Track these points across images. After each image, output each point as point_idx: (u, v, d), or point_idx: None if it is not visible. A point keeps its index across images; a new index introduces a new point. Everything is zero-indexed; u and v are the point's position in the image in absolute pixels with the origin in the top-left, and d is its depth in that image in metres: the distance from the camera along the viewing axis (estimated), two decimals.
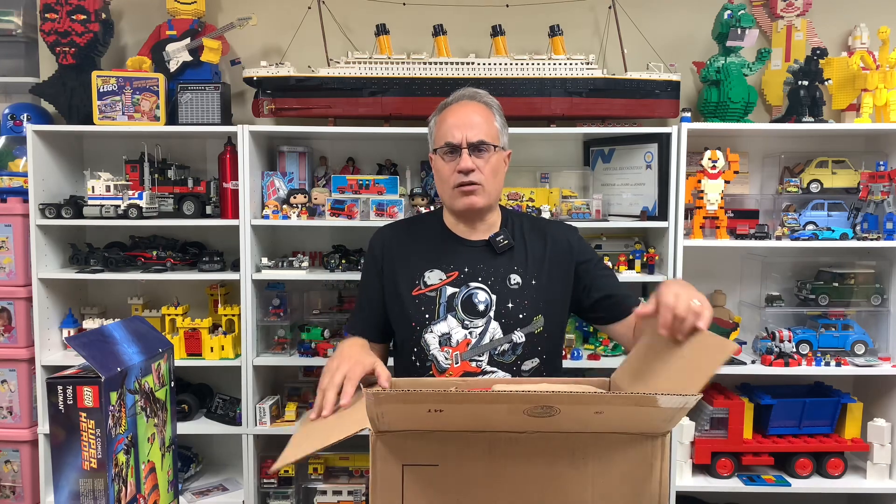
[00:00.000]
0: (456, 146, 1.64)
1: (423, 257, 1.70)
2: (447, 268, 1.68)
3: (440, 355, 1.62)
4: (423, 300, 1.66)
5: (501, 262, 1.67)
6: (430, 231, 1.76)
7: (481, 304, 1.64)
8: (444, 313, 1.64)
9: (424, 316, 1.64)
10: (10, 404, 2.69)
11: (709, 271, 2.89)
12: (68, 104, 2.71)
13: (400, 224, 1.85)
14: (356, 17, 2.84)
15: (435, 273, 1.67)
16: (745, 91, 2.65)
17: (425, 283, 1.67)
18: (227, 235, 2.71)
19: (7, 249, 2.65)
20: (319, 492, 2.75)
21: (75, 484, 1.23)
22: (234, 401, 2.77)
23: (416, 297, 1.66)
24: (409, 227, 1.81)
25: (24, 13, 2.83)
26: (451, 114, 1.68)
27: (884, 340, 2.73)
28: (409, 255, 1.71)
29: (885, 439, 2.63)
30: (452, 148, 1.64)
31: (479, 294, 1.64)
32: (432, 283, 1.66)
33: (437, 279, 1.66)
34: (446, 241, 1.72)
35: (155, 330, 1.56)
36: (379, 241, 1.77)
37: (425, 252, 1.71)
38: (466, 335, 1.62)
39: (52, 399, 1.22)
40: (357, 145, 2.93)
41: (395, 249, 1.73)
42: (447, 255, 1.69)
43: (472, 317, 1.63)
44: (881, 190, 2.59)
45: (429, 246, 1.72)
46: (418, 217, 1.91)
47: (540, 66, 2.61)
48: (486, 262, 1.67)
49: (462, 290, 1.65)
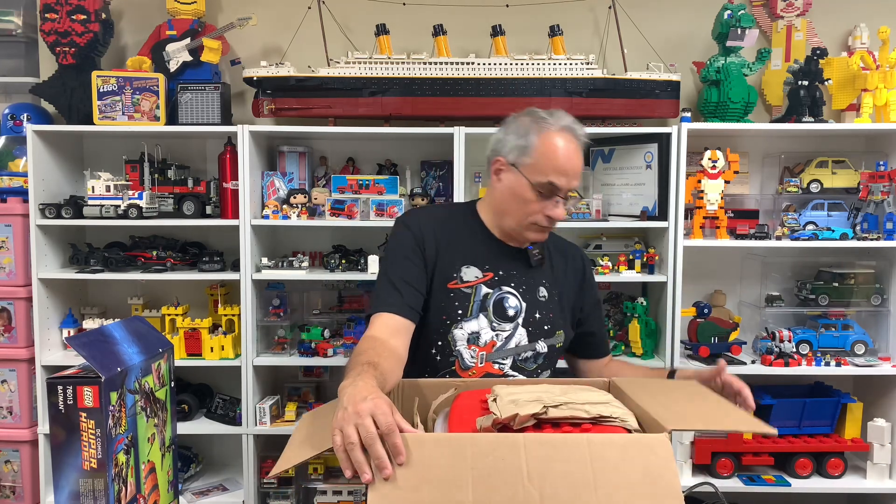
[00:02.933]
0: (557, 192, 1.58)
1: (461, 251, 1.65)
2: (483, 267, 1.65)
3: (466, 353, 1.61)
4: (458, 295, 1.62)
5: (532, 274, 1.69)
6: (468, 226, 1.70)
7: (511, 309, 1.64)
8: (476, 312, 1.62)
9: (457, 311, 1.61)
10: (10, 404, 2.69)
11: (709, 271, 2.89)
12: (68, 104, 2.71)
13: (435, 212, 1.76)
14: (356, 17, 2.84)
15: (472, 270, 1.64)
16: (745, 91, 2.65)
17: (462, 278, 1.63)
18: (227, 235, 2.71)
19: (7, 249, 2.65)
20: (319, 492, 2.75)
21: (75, 484, 1.23)
22: (234, 401, 2.77)
23: (450, 291, 1.62)
24: (447, 217, 1.72)
25: (24, 13, 2.83)
26: (561, 150, 1.57)
27: (884, 340, 2.73)
28: (447, 246, 1.65)
29: (885, 439, 2.63)
30: (553, 191, 1.58)
31: (510, 299, 1.65)
32: (468, 280, 1.63)
33: (472, 276, 1.64)
34: (484, 240, 1.69)
35: (155, 330, 1.56)
36: (417, 222, 1.67)
37: (463, 246, 1.66)
38: (493, 337, 1.62)
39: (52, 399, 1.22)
40: (357, 145, 2.93)
41: (435, 235, 1.65)
42: (484, 255, 1.67)
43: (502, 320, 1.64)
44: (881, 190, 2.59)
45: (467, 241, 1.67)
46: (449, 207, 1.81)
47: (540, 66, 2.61)
48: (519, 270, 1.68)
49: (495, 292, 1.64)
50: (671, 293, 2.60)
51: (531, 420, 1.14)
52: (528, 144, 1.58)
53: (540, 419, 1.15)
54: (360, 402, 1.06)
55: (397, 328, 1.51)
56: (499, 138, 1.67)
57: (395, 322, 1.51)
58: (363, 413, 1.03)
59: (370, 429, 1.01)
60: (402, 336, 1.51)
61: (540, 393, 1.22)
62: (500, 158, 1.63)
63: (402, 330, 1.52)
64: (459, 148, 2.56)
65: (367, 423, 1.02)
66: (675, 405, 1.24)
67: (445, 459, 1.02)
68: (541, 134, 1.58)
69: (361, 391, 1.10)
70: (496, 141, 1.67)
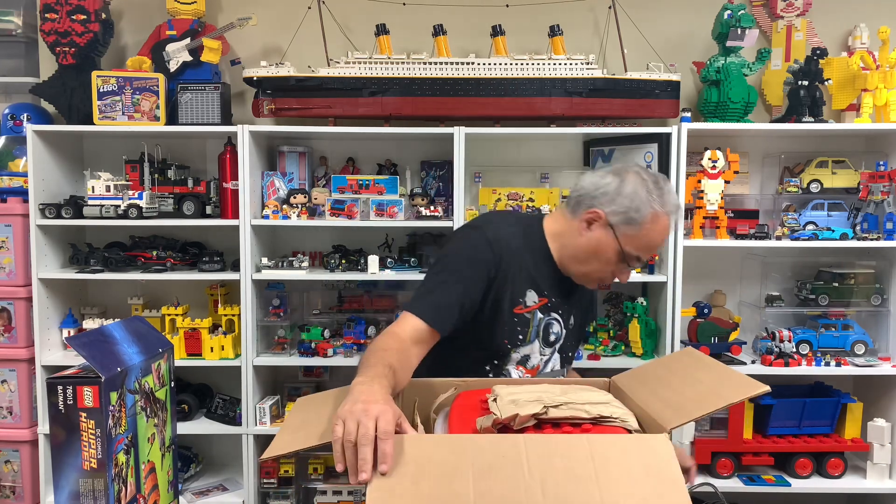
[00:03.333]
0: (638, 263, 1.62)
1: (528, 275, 1.60)
2: (541, 291, 1.63)
3: (514, 372, 1.62)
4: (521, 320, 1.60)
5: (569, 302, 1.71)
6: (538, 250, 1.64)
7: (553, 335, 1.66)
8: (533, 337, 1.62)
9: (518, 336, 1.60)
10: (10, 404, 2.69)
11: (709, 271, 2.89)
12: (68, 104, 2.71)
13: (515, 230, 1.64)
14: (356, 17, 2.84)
15: (532, 294, 1.61)
16: (745, 91, 2.65)
17: (525, 302, 1.60)
18: (227, 235, 2.71)
19: (7, 249, 2.65)
20: (319, 492, 2.75)
21: (75, 484, 1.23)
22: (234, 401, 2.77)
23: (516, 315, 1.59)
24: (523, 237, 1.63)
25: (24, 13, 2.83)
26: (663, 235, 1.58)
27: (884, 340, 2.73)
28: (519, 271, 1.59)
29: (884, 439, 2.63)
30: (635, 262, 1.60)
31: (554, 325, 1.66)
32: (529, 305, 1.61)
33: (532, 301, 1.61)
34: (546, 264, 1.64)
35: (155, 330, 1.56)
36: (499, 243, 1.57)
37: (530, 269, 1.61)
38: (539, 360, 1.65)
39: (52, 399, 1.22)
40: (357, 145, 2.93)
41: (512, 260, 1.58)
42: (543, 279, 1.63)
43: (546, 346, 1.66)
44: (881, 190, 2.59)
45: (534, 263, 1.62)
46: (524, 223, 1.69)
47: (540, 66, 2.61)
48: (562, 297, 1.68)
49: (545, 318, 1.64)
50: (671, 293, 2.60)
51: (531, 420, 1.14)
52: (637, 218, 1.53)
53: (540, 419, 1.15)
54: (371, 402, 1.08)
55: (424, 338, 1.46)
56: (604, 191, 1.56)
57: (425, 332, 1.46)
58: (371, 413, 1.05)
59: (369, 430, 1.02)
60: (424, 347, 1.46)
61: (540, 393, 1.22)
62: (599, 213, 1.56)
63: (428, 341, 1.47)
64: (459, 148, 2.56)
65: (370, 425, 1.03)
66: (674, 396, 1.24)
67: (445, 456, 1.02)
68: (653, 213, 1.53)
69: (376, 393, 1.12)
70: (598, 190, 1.57)
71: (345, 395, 1.16)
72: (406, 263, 2.70)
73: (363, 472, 1.00)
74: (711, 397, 1.19)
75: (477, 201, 2.76)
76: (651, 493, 0.97)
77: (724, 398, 1.17)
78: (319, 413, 1.27)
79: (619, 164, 1.68)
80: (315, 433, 1.19)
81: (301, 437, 1.21)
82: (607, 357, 2.71)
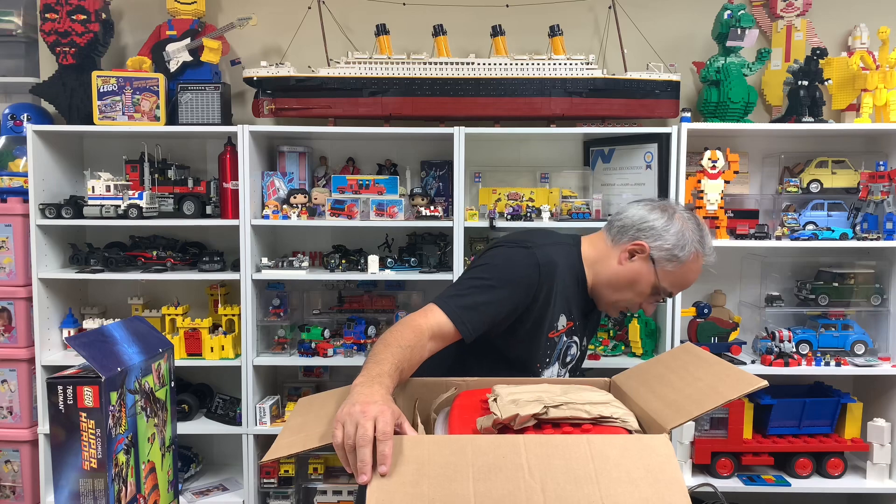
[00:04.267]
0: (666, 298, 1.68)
1: (565, 299, 1.61)
2: (570, 315, 1.64)
3: None
4: (551, 343, 1.61)
5: (586, 324, 1.75)
6: (575, 271, 1.64)
7: (570, 356, 1.71)
8: (554, 360, 1.65)
9: (546, 359, 1.62)
10: (10, 404, 2.69)
11: (709, 271, 2.87)
12: (68, 104, 2.71)
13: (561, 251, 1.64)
14: (356, 17, 2.84)
15: (563, 318, 1.62)
16: (745, 91, 2.65)
17: (557, 327, 1.61)
18: (227, 235, 2.71)
19: (7, 249, 2.65)
20: (319, 492, 2.75)
21: (75, 484, 1.23)
22: (234, 401, 2.77)
23: (549, 339, 1.60)
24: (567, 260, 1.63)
25: (24, 13, 2.83)
26: (697, 273, 1.65)
27: (884, 340, 2.73)
28: (559, 294, 1.59)
29: (884, 439, 2.63)
30: (664, 297, 1.65)
31: (573, 347, 1.70)
32: (559, 329, 1.62)
33: (562, 325, 1.62)
34: (580, 289, 1.66)
35: (155, 330, 1.56)
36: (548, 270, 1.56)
37: (567, 294, 1.62)
38: None
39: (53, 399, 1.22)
40: (357, 145, 2.93)
41: (556, 284, 1.58)
42: (574, 304, 1.65)
43: (562, 367, 1.70)
44: (881, 190, 2.59)
45: (571, 289, 1.63)
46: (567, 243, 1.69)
47: (540, 66, 2.62)
48: (582, 320, 1.71)
49: (568, 341, 1.67)
50: None
51: (531, 420, 1.14)
52: (680, 257, 1.59)
53: (540, 419, 1.15)
54: (369, 403, 1.09)
55: (446, 336, 1.43)
56: (652, 226, 1.60)
57: (449, 331, 1.43)
58: (368, 415, 1.06)
59: (368, 432, 1.03)
60: (441, 344, 1.44)
61: (540, 393, 1.22)
62: (643, 245, 1.59)
63: (448, 340, 1.45)
64: (459, 148, 2.56)
65: (368, 426, 1.04)
66: (673, 395, 1.24)
67: (445, 457, 1.02)
68: (693, 254, 1.61)
69: (375, 394, 1.13)
70: (645, 223, 1.61)
71: (346, 395, 1.16)
72: (406, 263, 2.70)
73: (363, 475, 1.01)
74: (711, 395, 1.19)
75: (477, 201, 2.76)
76: (651, 493, 0.97)
77: (724, 395, 1.18)
78: (320, 414, 1.27)
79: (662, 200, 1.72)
80: (316, 434, 1.20)
81: (301, 438, 1.21)
82: (607, 357, 2.71)
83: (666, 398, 1.24)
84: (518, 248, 1.58)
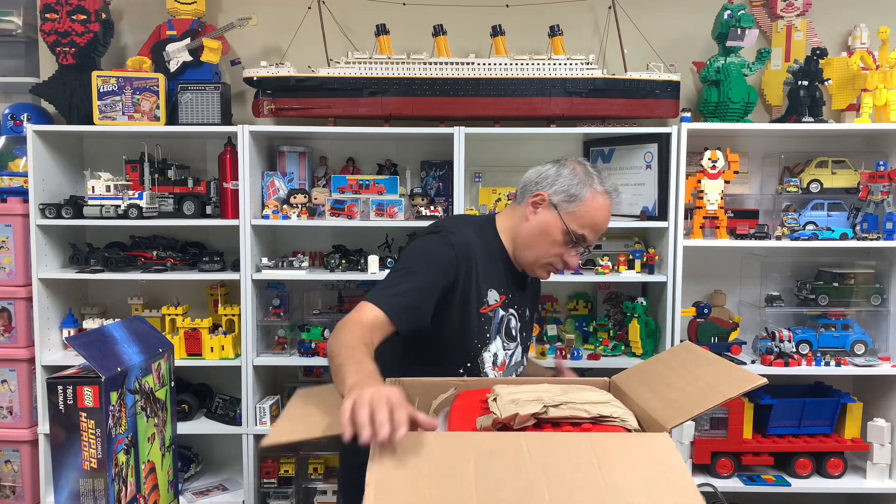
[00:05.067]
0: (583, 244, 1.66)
1: (489, 275, 1.65)
2: (500, 289, 1.68)
3: (492, 373, 1.66)
4: (485, 319, 1.65)
5: (524, 295, 1.78)
6: (495, 249, 1.70)
7: (513, 330, 1.73)
8: (494, 334, 1.67)
9: (486, 335, 1.65)
10: (10, 404, 2.69)
11: (709, 271, 2.89)
12: (68, 104, 2.71)
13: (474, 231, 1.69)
14: (356, 17, 2.84)
15: (493, 293, 1.66)
16: (745, 91, 2.65)
17: (487, 302, 1.65)
18: (227, 235, 2.71)
19: (7, 249, 2.65)
20: (319, 492, 2.75)
21: (75, 484, 1.23)
22: (234, 401, 2.77)
23: (481, 315, 1.64)
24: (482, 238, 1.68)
25: (24, 13, 2.83)
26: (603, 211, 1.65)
27: (884, 340, 2.73)
28: (481, 270, 1.64)
29: (884, 439, 2.63)
30: (579, 242, 1.65)
31: (512, 320, 1.72)
32: (492, 304, 1.66)
33: (493, 300, 1.66)
34: (503, 262, 1.70)
35: (155, 330, 1.57)
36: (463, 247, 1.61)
37: (491, 270, 1.66)
38: (505, 356, 1.71)
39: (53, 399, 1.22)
40: (357, 145, 2.93)
41: (475, 261, 1.62)
42: (501, 277, 1.69)
43: (509, 340, 1.72)
44: (881, 190, 2.59)
45: (493, 264, 1.68)
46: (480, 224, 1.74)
47: (540, 66, 2.62)
48: (517, 292, 1.74)
49: (505, 314, 1.70)
50: (671, 293, 2.60)
51: (531, 420, 1.14)
52: (577, 194, 1.63)
53: (540, 419, 1.15)
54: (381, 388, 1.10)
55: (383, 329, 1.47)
56: (546, 175, 1.67)
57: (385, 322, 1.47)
58: (382, 394, 1.07)
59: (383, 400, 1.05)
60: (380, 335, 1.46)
61: (540, 392, 1.22)
62: (542, 194, 1.64)
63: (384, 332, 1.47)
64: (459, 148, 2.56)
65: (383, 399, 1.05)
66: (673, 394, 1.24)
67: (446, 447, 1.02)
68: (592, 189, 1.63)
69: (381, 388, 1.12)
70: (541, 175, 1.68)
71: None
72: None
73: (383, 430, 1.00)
74: (710, 393, 1.19)
75: (477, 201, 2.76)
76: (655, 476, 0.97)
77: (724, 393, 1.18)
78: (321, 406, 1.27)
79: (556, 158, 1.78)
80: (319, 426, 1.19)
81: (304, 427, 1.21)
82: (607, 357, 2.71)
83: (666, 397, 1.24)
84: (431, 235, 1.65)
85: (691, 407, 1.18)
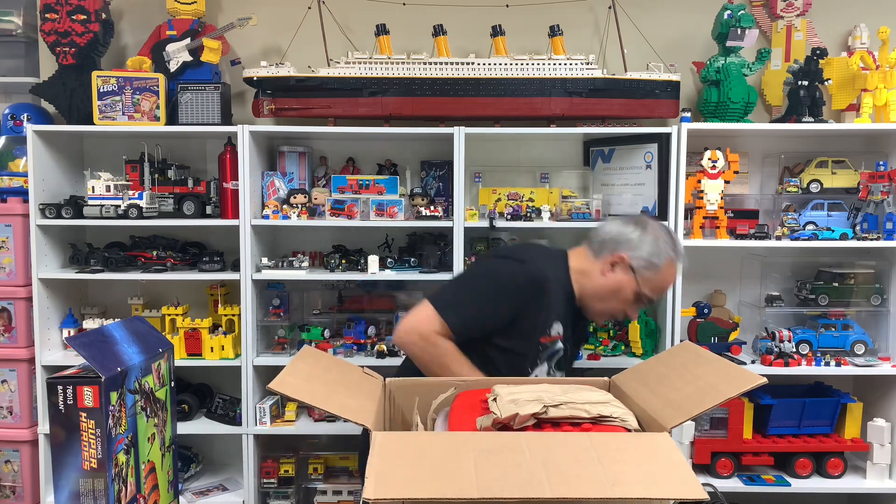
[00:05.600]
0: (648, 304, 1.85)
1: (557, 310, 1.79)
2: (564, 323, 1.81)
3: None
4: (542, 347, 1.78)
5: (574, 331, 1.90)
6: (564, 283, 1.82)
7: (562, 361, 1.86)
8: (544, 360, 1.81)
9: (537, 360, 1.80)
10: (10, 404, 2.69)
11: (709, 271, 2.89)
12: (68, 104, 2.71)
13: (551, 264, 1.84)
14: (356, 17, 2.84)
15: (557, 325, 1.79)
16: (745, 91, 2.65)
17: (550, 332, 1.78)
18: (227, 235, 2.71)
19: (7, 249, 2.65)
20: (319, 492, 2.75)
21: (75, 484, 1.23)
22: (234, 401, 2.77)
23: (541, 344, 1.78)
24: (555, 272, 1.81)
25: (24, 13, 2.83)
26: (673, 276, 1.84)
27: (884, 340, 2.73)
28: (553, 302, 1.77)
29: (884, 439, 2.63)
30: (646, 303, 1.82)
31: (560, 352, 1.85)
32: (553, 335, 1.79)
33: (556, 332, 1.79)
34: (570, 300, 1.83)
35: (155, 330, 1.57)
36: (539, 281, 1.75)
37: (561, 304, 1.80)
38: None
39: (53, 399, 1.22)
40: (357, 145, 2.93)
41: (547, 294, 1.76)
42: (566, 314, 1.82)
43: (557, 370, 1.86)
44: (881, 190, 2.59)
45: (562, 297, 1.81)
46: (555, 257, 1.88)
47: (540, 66, 2.61)
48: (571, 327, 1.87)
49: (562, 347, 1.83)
50: (671, 293, 2.60)
51: (531, 420, 1.14)
52: (657, 264, 1.77)
53: (540, 419, 1.15)
54: None
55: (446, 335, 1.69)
56: (628, 238, 1.78)
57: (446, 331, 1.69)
58: None
59: None
60: None
61: (540, 392, 1.22)
62: (624, 256, 1.77)
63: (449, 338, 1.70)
64: (459, 148, 2.56)
65: None
66: (673, 394, 1.24)
67: (446, 445, 1.02)
68: (669, 258, 1.78)
69: None
70: (623, 237, 1.79)
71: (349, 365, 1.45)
72: (406, 263, 2.70)
73: None
74: (710, 393, 1.19)
75: (477, 201, 2.76)
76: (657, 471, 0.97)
77: (723, 393, 1.18)
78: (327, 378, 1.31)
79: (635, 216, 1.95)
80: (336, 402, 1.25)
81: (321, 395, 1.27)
82: (607, 357, 2.71)
83: (666, 397, 1.24)
84: (513, 263, 1.79)
85: (691, 407, 1.18)
